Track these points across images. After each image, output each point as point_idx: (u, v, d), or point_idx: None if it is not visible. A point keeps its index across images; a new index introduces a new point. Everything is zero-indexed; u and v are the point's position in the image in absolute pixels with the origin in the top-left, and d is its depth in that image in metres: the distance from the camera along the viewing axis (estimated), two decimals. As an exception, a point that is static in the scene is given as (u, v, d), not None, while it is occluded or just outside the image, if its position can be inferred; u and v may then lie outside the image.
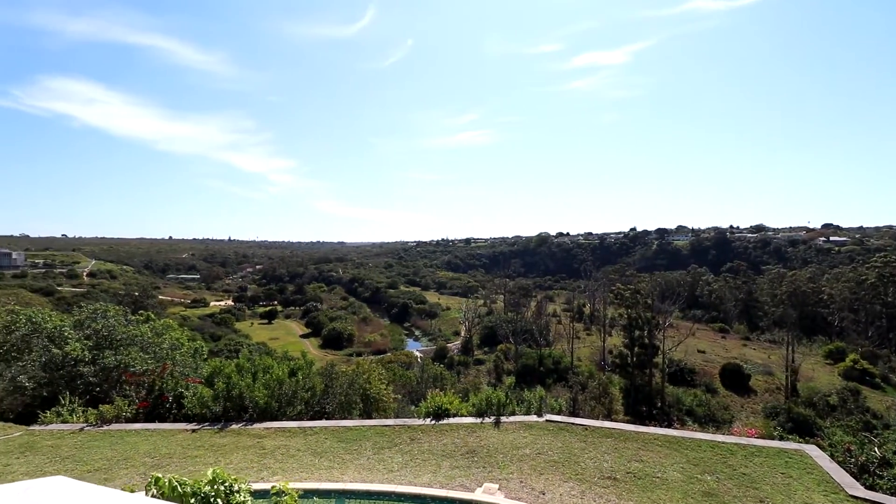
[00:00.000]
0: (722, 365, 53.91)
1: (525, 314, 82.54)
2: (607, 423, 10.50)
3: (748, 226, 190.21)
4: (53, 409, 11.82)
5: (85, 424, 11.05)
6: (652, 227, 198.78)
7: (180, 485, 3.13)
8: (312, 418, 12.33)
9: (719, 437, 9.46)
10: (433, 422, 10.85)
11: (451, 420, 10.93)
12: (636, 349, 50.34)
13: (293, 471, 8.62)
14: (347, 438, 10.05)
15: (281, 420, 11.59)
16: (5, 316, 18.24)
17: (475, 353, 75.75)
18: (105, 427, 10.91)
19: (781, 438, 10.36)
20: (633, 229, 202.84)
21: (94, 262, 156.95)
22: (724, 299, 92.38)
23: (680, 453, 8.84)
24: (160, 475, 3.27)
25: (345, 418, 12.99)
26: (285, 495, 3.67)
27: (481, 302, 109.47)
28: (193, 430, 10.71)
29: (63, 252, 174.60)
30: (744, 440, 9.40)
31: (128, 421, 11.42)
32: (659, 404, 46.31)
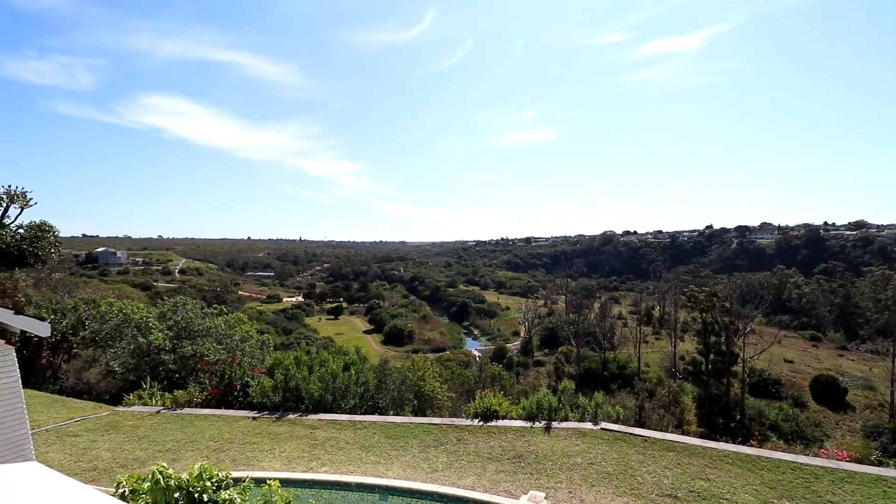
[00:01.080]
0: (813, 377, 48.52)
1: (588, 316, 79.48)
2: (670, 436, 9.67)
3: (846, 222, 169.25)
4: (136, 392, 13.04)
5: (161, 408, 12.08)
6: (731, 225, 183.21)
7: (164, 478, 3.21)
8: (366, 412, 12.57)
9: (802, 459, 8.35)
10: (481, 423, 10.62)
11: (500, 422, 10.64)
12: (711, 356, 46.63)
13: (341, 463, 8.80)
14: (395, 435, 10.11)
15: (335, 412, 11.93)
16: (102, 308, 20.51)
17: (535, 354, 74.29)
18: (178, 411, 11.85)
19: (879, 463, 8.96)
20: (710, 227, 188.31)
21: (184, 260, 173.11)
22: (817, 304, 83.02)
23: (754, 474, 7.91)
24: (162, 467, 3.36)
25: (398, 414, 13.12)
26: (275, 496, 3.65)
27: (542, 302, 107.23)
28: (254, 418, 11.32)
29: (159, 251, 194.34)
30: (833, 463, 8.23)
31: (198, 406, 12.33)
32: (738, 417, 42.58)
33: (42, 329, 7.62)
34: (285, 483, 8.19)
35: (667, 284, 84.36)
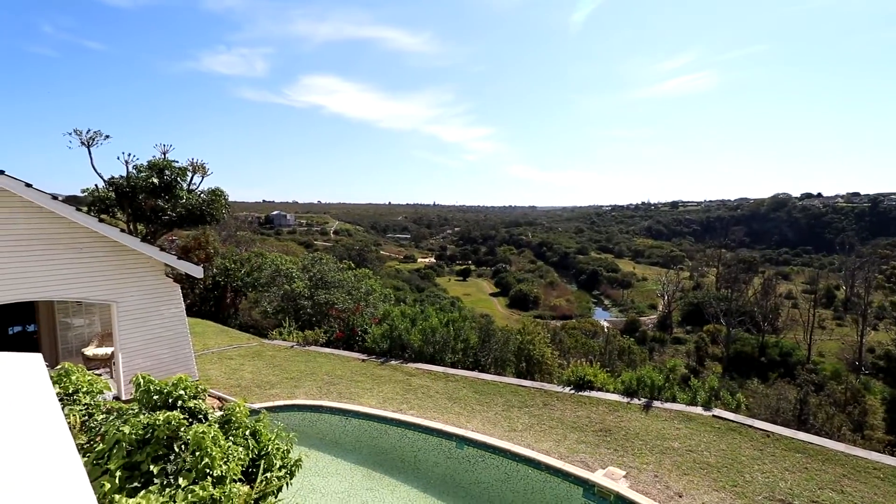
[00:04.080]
0: None
1: (745, 292, 69.26)
2: (802, 435, 8.06)
3: None
4: (277, 329, 15.55)
5: (294, 343, 14.24)
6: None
7: (144, 381, 3.77)
8: (466, 368, 13.06)
9: None
10: (572, 391, 10.21)
11: (593, 393, 10.09)
12: (916, 351, 36.86)
13: (427, 409, 9.37)
14: (482, 391, 10.34)
15: (436, 364, 12.64)
16: (264, 259, 24.55)
17: (674, 330, 67.83)
18: (306, 347, 13.85)
19: None
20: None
21: (337, 223, 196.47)
22: None
23: (915, 497, 6.19)
24: (144, 374, 3.95)
25: (500, 374, 13.34)
26: (238, 412, 3.96)
27: (687, 274, 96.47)
28: (363, 360, 12.65)
29: (318, 214, 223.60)
30: None
31: (321, 345, 14.22)
32: (949, 430, 33.36)
33: (196, 271, 9.48)
34: (376, 419, 9.11)
35: (860, 260, 68.17)
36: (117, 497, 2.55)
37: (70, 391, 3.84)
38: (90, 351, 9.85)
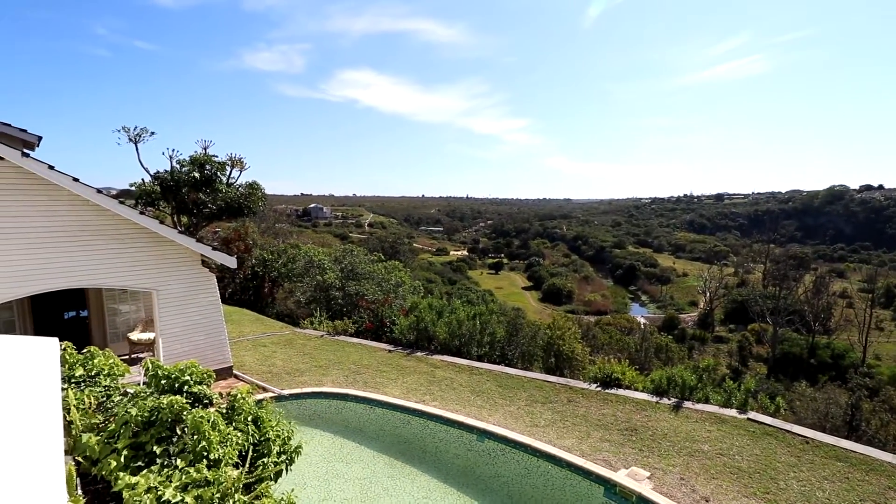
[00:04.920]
0: None
1: (795, 290, 65.56)
2: (846, 443, 7.56)
3: None
4: (308, 318, 16.00)
5: (324, 333, 14.62)
6: None
7: (152, 366, 3.91)
8: (493, 361, 13.03)
9: None
10: (599, 388, 10.00)
11: (620, 391, 9.84)
12: None
13: (450, 401, 9.43)
14: (506, 385, 10.29)
15: (462, 357, 12.66)
16: (300, 250, 25.27)
17: (716, 328, 65.19)
18: (335, 337, 14.19)
19: None
20: None
21: (372, 215, 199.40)
22: None
23: (971, 515, 5.70)
24: (152, 359, 4.10)
25: (527, 369, 13.24)
26: (241, 398, 4.05)
27: (731, 270, 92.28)
28: (389, 351, 12.84)
29: (353, 207, 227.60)
30: None
31: (350, 335, 14.54)
32: None
33: (230, 262, 9.87)
34: (400, 409, 9.24)
35: (926, 257, 63.07)
36: (122, 474, 2.75)
37: (93, 373, 4.13)
38: (135, 336, 10.47)
